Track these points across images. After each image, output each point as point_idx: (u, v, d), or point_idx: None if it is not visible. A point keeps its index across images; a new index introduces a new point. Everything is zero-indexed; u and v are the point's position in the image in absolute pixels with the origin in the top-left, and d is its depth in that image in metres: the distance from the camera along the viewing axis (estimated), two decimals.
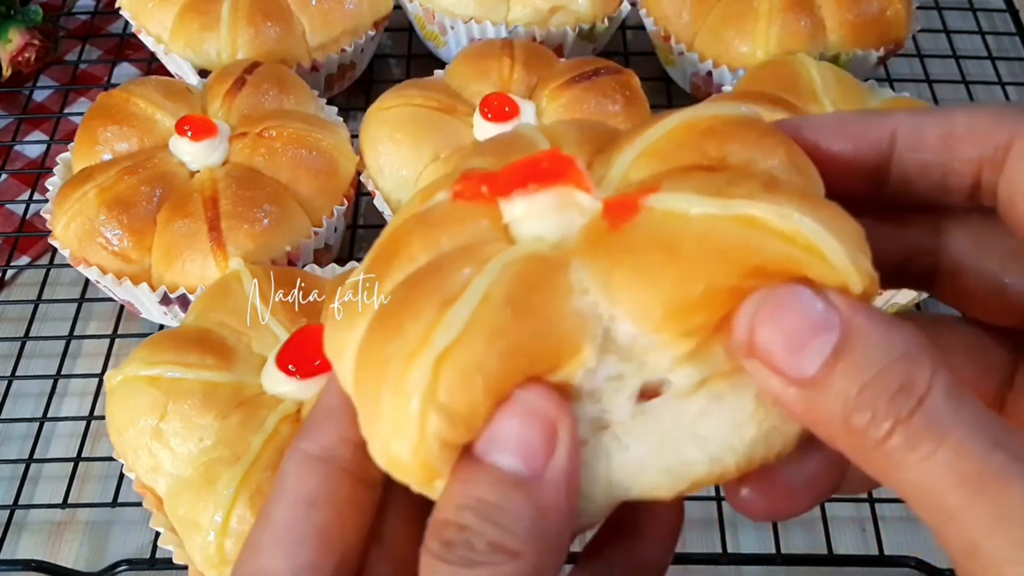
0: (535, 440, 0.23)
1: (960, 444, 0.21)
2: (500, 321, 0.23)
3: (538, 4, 0.77)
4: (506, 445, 0.23)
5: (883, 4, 0.75)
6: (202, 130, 0.65)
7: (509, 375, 0.23)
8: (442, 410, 0.22)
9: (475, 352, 0.22)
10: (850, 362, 0.22)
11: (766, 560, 0.57)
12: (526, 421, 0.23)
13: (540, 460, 0.23)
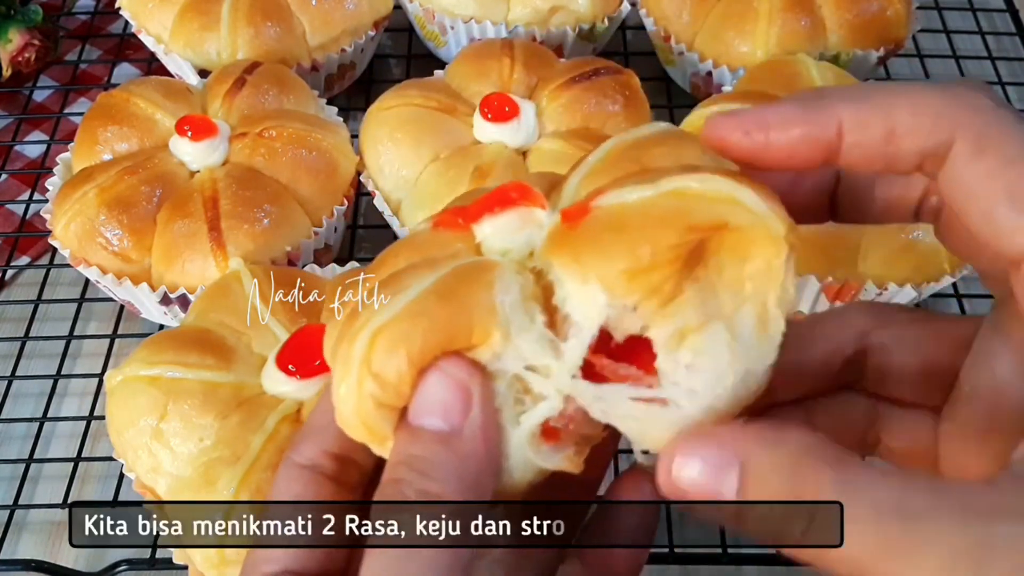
0: (453, 400, 0.27)
1: (863, 526, 0.24)
2: (426, 306, 0.28)
3: (538, 4, 0.77)
4: (430, 408, 0.27)
5: (883, 4, 0.75)
6: (202, 130, 0.65)
7: (429, 348, 0.27)
8: (375, 376, 0.27)
9: (401, 328, 0.27)
10: (754, 488, 0.26)
11: (766, 560, 0.57)
12: (445, 385, 0.27)
13: (458, 416, 0.27)
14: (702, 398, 0.27)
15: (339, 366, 0.28)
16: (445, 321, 0.27)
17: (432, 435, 0.27)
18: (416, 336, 0.27)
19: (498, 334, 0.27)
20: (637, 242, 0.27)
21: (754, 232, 0.27)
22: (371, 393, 0.27)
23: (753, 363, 0.27)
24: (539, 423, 0.28)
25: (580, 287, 0.28)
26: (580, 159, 0.33)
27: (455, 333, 0.27)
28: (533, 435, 0.28)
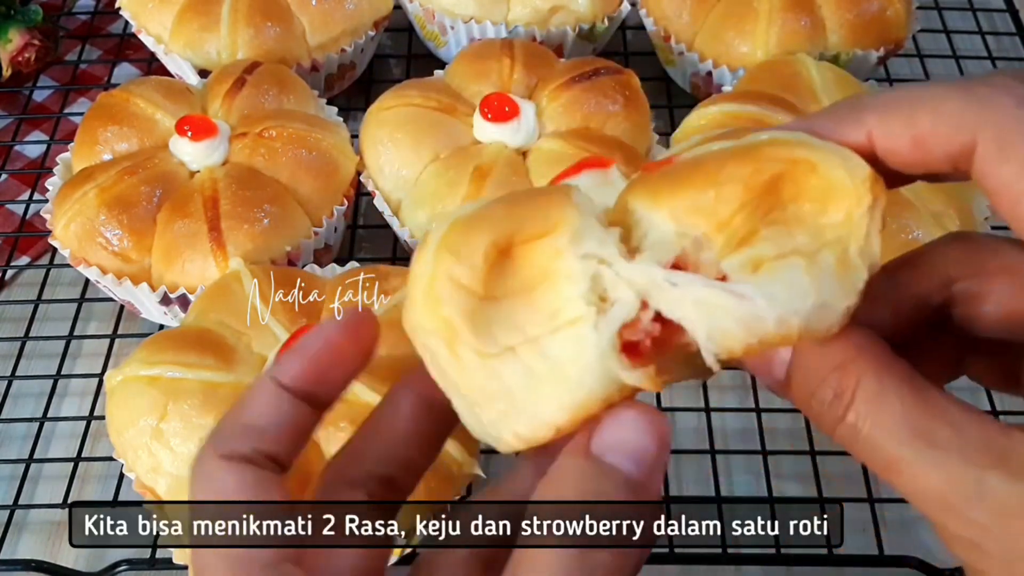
0: (653, 452, 0.27)
1: (880, 438, 0.26)
2: (503, 202, 0.29)
3: (538, 4, 0.77)
4: (624, 448, 0.27)
5: (883, 4, 0.75)
6: (202, 130, 0.65)
7: (503, 228, 0.27)
8: (453, 252, 0.27)
9: (478, 214, 0.28)
10: (798, 377, 0.28)
11: (766, 560, 0.57)
12: (646, 431, 0.27)
13: (648, 471, 0.27)
14: (779, 304, 0.26)
15: (416, 261, 0.28)
16: (523, 208, 0.28)
17: (626, 479, 0.27)
18: (491, 218, 0.28)
19: (577, 220, 0.27)
20: (710, 174, 0.27)
21: (834, 179, 0.27)
22: (448, 271, 0.27)
23: (832, 299, 0.27)
24: (618, 328, 0.27)
25: (653, 215, 0.28)
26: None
27: (533, 219, 0.27)
28: (614, 346, 0.27)
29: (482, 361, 0.27)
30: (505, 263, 0.28)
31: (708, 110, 0.67)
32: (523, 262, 0.28)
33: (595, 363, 0.26)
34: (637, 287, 0.27)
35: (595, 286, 0.27)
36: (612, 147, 0.65)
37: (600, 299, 0.27)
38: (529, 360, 0.27)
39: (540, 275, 0.28)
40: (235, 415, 0.30)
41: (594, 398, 0.27)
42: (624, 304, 0.27)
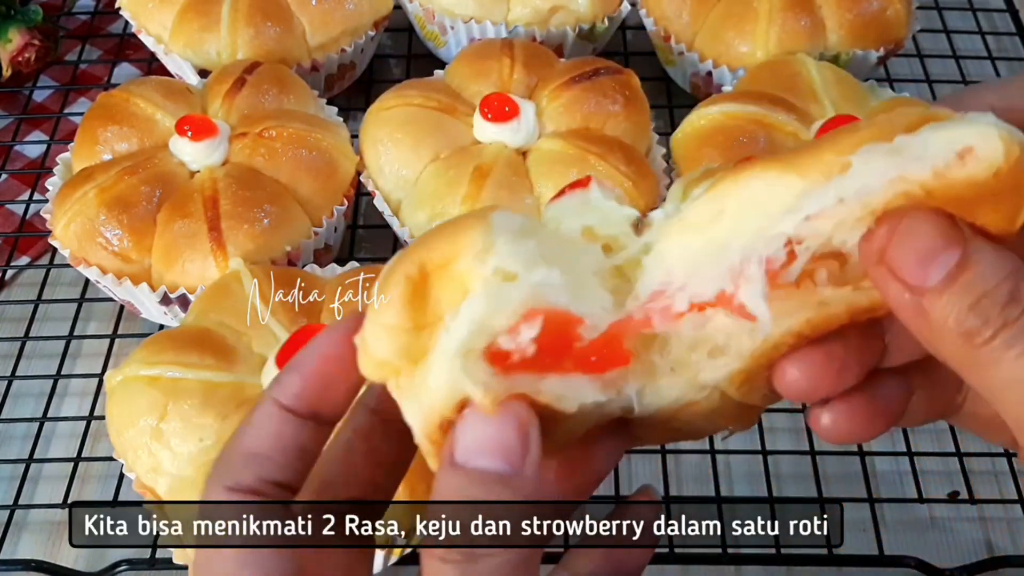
0: (514, 441, 0.26)
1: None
2: (422, 236, 0.29)
3: (538, 4, 0.77)
4: (484, 449, 0.26)
5: (883, 4, 0.75)
6: (202, 130, 0.65)
7: (415, 258, 0.28)
8: (378, 292, 0.28)
9: (399, 255, 0.28)
10: (971, 275, 0.25)
11: (766, 560, 0.57)
12: (504, 425, 0.26)
13: (518, 458, 0.26)
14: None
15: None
16: (435, 237, 0.28)
17: (493, 477, 0.26)
18: (409, 251, 0.28)
19: (481, 241, 0.27)
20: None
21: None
22: (376, 318, 0.27)
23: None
24: (470, 336, 0.27)
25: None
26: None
27: (441, 246, 0.27)
28: (468, 353, 0.27)
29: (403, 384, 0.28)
30: (426, 295, 0.28)
31: (708, 110, 0.67)
32: (441, 288, 0.28)
33: (444, 367, 0.27)
34: (535, 296, 0.27)
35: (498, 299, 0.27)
36: (612, 147, 0.65)
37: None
38: (421, 370, 0.27)
39: (457, 297, 0.27)
40: (237, 442, 0.30)
41: (438, 406, 0.27)
42: (493, 318, 0.27)
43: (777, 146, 0.64)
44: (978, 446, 0.62)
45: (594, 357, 0.28)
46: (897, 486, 0.61)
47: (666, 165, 0.70)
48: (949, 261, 0.25)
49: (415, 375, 0.27)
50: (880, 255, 0.26)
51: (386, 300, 0.27)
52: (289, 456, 0.29)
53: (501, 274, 0.27)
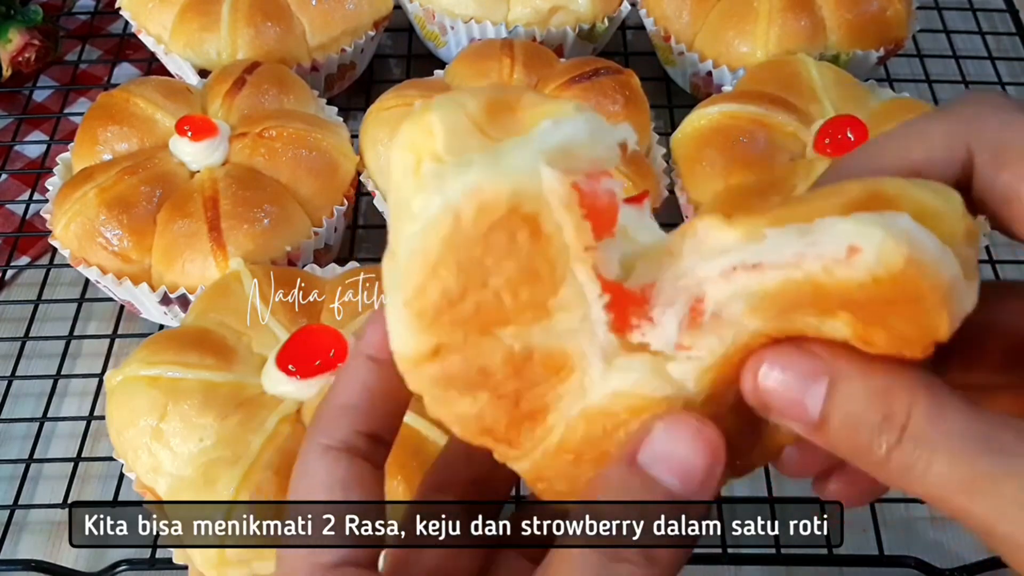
0: (700, 467, 0.26)
1: (951, 456, 0.24)
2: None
3: (538, 4, 0.77)
4: (669, 461, 0.26)
5: (883, 4, 0.75)
6: (202, 130, 0.65)
7: (508, 92, 0.28)
8: (456, 93, 0.27)
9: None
10: (841, 402, 0.25)
11: (766, 560, 0.57)
12: (696, 447, 0.26)
13: (696, 486, 0.26)
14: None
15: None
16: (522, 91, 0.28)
17: (666, 494, 0.26)
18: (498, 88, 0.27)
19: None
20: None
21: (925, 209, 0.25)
22: (452, 97, 0.27)
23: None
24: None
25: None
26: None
27: (533, 97, 0.27)
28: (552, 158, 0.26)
29: (437, 168, 0.26)
30: (505, 118, 0.27)
31: (708, 110, 0.67)
32: (520, 121, 0.27)
33: (527, 154, 0.25)
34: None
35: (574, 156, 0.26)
36: None
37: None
38: (475, 159, 0.26)
39: (530, 127, 0.27)
40: (330, 397, 0.30)
41: (505, 181, 0.25)
42: (576, 141, 0.27)
43: (776, 146, 0.64)
44: None
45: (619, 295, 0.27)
46: None
47: (666, 165, 0.70)
48: (817, 397, 0.25)
49: (472, 160, 0.25)
50: (761, 402, 0.26)
51: (475, 92, 0.26)
52: (379, 404, 0.30)
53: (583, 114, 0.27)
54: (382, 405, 0.30)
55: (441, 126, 0.26)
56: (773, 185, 0.62)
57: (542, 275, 0.26)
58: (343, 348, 0.52)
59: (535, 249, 0.25)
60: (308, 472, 0.29)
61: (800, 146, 0.65)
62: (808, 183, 0.62)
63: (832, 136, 0.63)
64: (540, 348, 0.26)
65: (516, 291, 0.25)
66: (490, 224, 0.25)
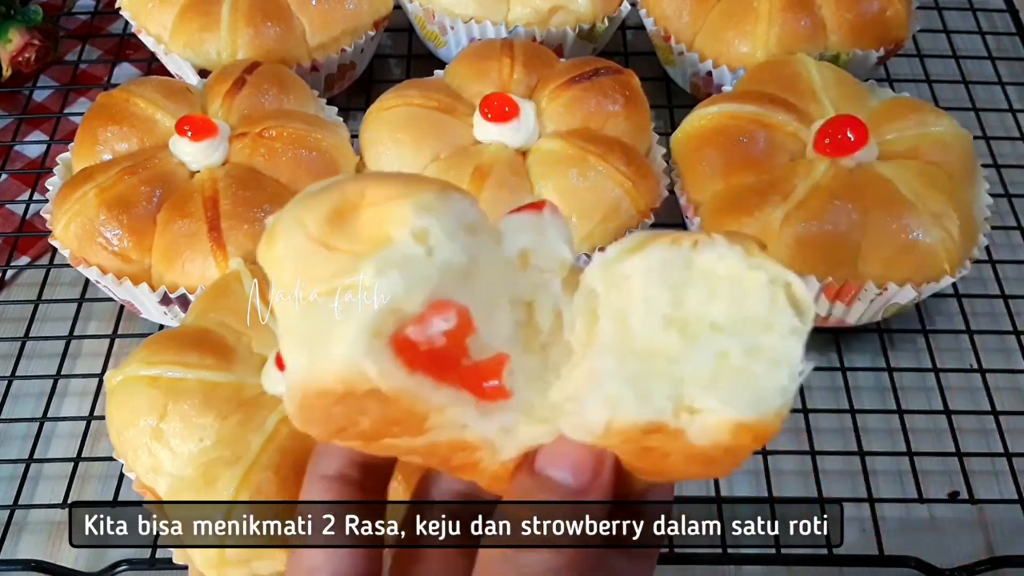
0: (586, 459, 0.28)
1: None
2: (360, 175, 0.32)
3: (538, 4, 0.77)
4: (560, 461, 0.28)
5: (883, 4, 0.75)
6: (202, 130, 0.65)
7: (353, 188, 0.28)
8: (303, 202, 0.29)
9: (328, 185, 0.29)
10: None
11: (766, 560, 0.57)
12: (579, 445, 0.28)
13: (588, 477, 0.28)
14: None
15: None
16: (380, 177, 0.28)
17: (559, 488, 0.28)
18: (348, 182, 0.28)
19: (432, 195, 0.27)
20: None
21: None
22: (295, 215, 0.28)
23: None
24: (384, 316, 0.27)
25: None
26: None
27: (386, 185, 0.28)
28: (377, 332, 0.27)
29: (284, 305, 0.27)
30: (351, 222, 0.27)
31: (708, 110, 0.67)
32: (366, 222, 0.27)
33: (348, 338, 0.26)
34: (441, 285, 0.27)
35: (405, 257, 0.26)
36: (612, 147, 0.65)
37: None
38: (314, 315, 0.27)
39: (376, 238, 0.27)
40: None
41: (332, 376, 0.26)
42: (401, 296, 0.26)
43: (776, 146, 0.64)
44: (978, 446, 0.62)
45: (478, 380, 0.28)
46: (897, 486, 0.61)
47: (666, 165, 0.70)
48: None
49: (312, 312, 0.26)
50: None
51: (315, 202, 0.28)
52: None
53: (419, 236, 0.27)
54: None
55: (286, 256, 0.28)
56: (773, 185, 0.62)
57: (404, 418, 0.27)
58: None
59: (387, 406, 0.26)
60: (306, 499, 0.31)
61: (800, 146, 0.65)
62: (808, 183, 0.62)
63: (832, 136, 0.63)
64: (441, 441, 0.28)
65: (387, 429, 0.27)
66: (333, 400, 0.26)
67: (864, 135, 0.62)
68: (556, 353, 0.29)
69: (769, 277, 0.27)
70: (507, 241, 0.30)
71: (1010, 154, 0.80)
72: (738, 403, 0.26)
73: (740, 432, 0.26)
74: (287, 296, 0.27)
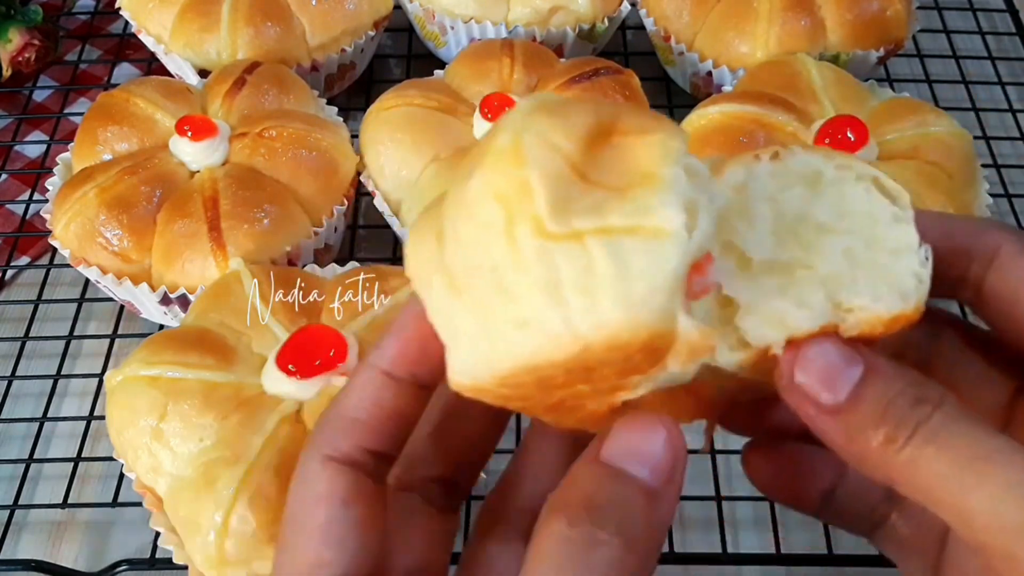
0: (666, 460, 0.26)
1: (972, 432, 0.25)
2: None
3: (538, 4, 0.77)
4: (637, 455, 0.26)
5: (883, 4, 0.75)
6: (202, 130, 0.65)
7: (605, 112, 0.24)
8: (548, 110, 0.24)
9: (567, 100, 0.25)
10: (875, 386, 0.26)
11: (766, 560, 0.57)
12: (660, 441, 0.26)
13: (663, 480, 0.26)
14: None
15: (491, 133, 0.25)
16: (618, 106, 0.25)
17: (638, 485, 0.26)
18: (592, 105, 0.24)
19: (676, 130, 0.24)
20: None
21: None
22: (542, 131, 0.23)
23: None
24: (693, 258, 0.24)
25: None
26: None
27: (631, 116, 0.25)
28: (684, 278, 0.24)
29: (540, 244, 0.23)
30: (604, 151, 0.24)
31: (708, 110, 0.67)
32: (624, 154, 0.24)
33: (667, 286, 0.23)
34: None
35: (689, 207, 0.24)
36: None
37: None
38: (596, 254, 0.23)
39: (638, 174, 0.24)
40: (337, 408, 0.30)
41: (643, 325, 0.23)
42: (705, 233, 0.24)
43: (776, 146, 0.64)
44: None
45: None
46: None
47: None
48: (853, 377, 0.26)
49: (586, 248, 0.23)
50: (790, 379, 0.27)
51: (566, 122, 0.23)
52: (388, 422, 0.29)
53: (691, 173, 0.24)
54: (392, 424, 0.29)
55: (540, 183, 0.23)
56: None
57: (635, 376, 0.25)
58: (343, 348, 0.52)
59: (642, 362, 0.24)
60: (308, 480, 0.29)
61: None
62: None
63: (832, 136, 0.63)
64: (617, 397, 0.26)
65: (606, 390, 0.26)
66: (627, 354, 0.24)
67: (864, 135, 0.62)
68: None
69: (855, 175, 0.27)
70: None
71: (1010, 154, 0.80)
72: (886, 297, 0.26)
73: (896, 323, 0.26)
74: (534, 227, 0.23)
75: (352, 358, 0.52)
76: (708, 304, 0.27)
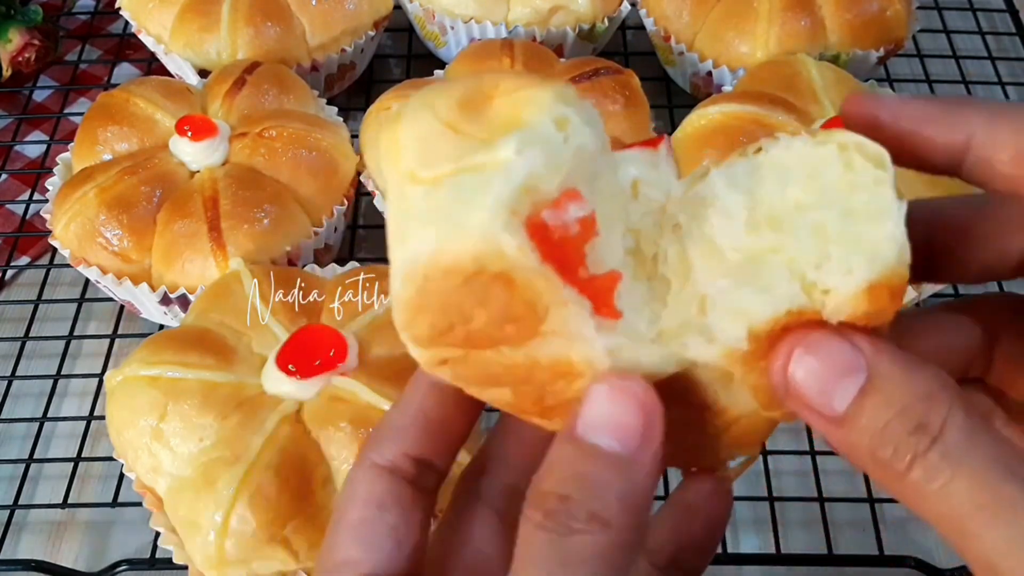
0: (635, 424, 0.25)
1: (974, 474, 0.23)
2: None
3: (538, 4, 0.77)
4: (605, 426, 0.25)
5: (883, 4, 0.75)
6: (202, 130, 0.65)
7: (486, 81, 0.27)
8: (433, 90, 0.26)
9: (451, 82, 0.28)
10: (874, 402, 0.24)
11: (766, 560, 0.57)
12: (626, 406, 0.25)
13: (636, 443, 0.25)
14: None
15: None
16: (514, 76, 0.27)
17: (607, 456, 0.25)
18: (475, 77, 0.27)
19: (562, 88, 0.26)
20: None
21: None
22: (426, 100, 0.26)
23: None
24: (521, 191, 0.25)
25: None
26: None
27: (519, 78, 0.27)
28: (513, 208, 0.25)
29: (413, 190, 0.25)
30: (485, 111, 0.26)
31: (708, 110, 0.67)
32: (500, 110, 0.26)
33: (488, 206, 0.24)
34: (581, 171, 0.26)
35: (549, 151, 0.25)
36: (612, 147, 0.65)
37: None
38: (443, 191, 0.25)
39: (507, 124, 0.26)
40: (390, 415, 0.31)
41: (470, 247, 0.24)
42: (540, 174, 0.25)
43: None
44: None
45: (593, 292, 0.26)
46: None
47: None
48: (852, 388, 0.24)
49: (441, 191, 0.25)
50: (785, 387, 0.25)
51: (447, 89, 0.26)
52: (432, 430, 0.30)
53: (560, 123, 0.25)
54: (436, 431, 0.30)
55: (410, 138, 0.26)
56: None
57: (523, 314, 0.25)
58: (343, 348, 0.52)
59: (511, 295, 0.25)
60: (351, 482, 0.30)
61: None
62: None
63: None
64: (543, 357, 0.26)
65: (501, 327, 0.26)
66: (459, 281, 0.25)
67: None
68: (659, 284, 0.28)
69: (838, 145, 0.27)
70: (621, 170, 0.29)
71: None
72: (859, 266, 0.25)
73: (876, 294, 0.24)
74: (409, 178, 0.25)
75: (352, 358, 0.52)
76: (640, 296, 0.27)
